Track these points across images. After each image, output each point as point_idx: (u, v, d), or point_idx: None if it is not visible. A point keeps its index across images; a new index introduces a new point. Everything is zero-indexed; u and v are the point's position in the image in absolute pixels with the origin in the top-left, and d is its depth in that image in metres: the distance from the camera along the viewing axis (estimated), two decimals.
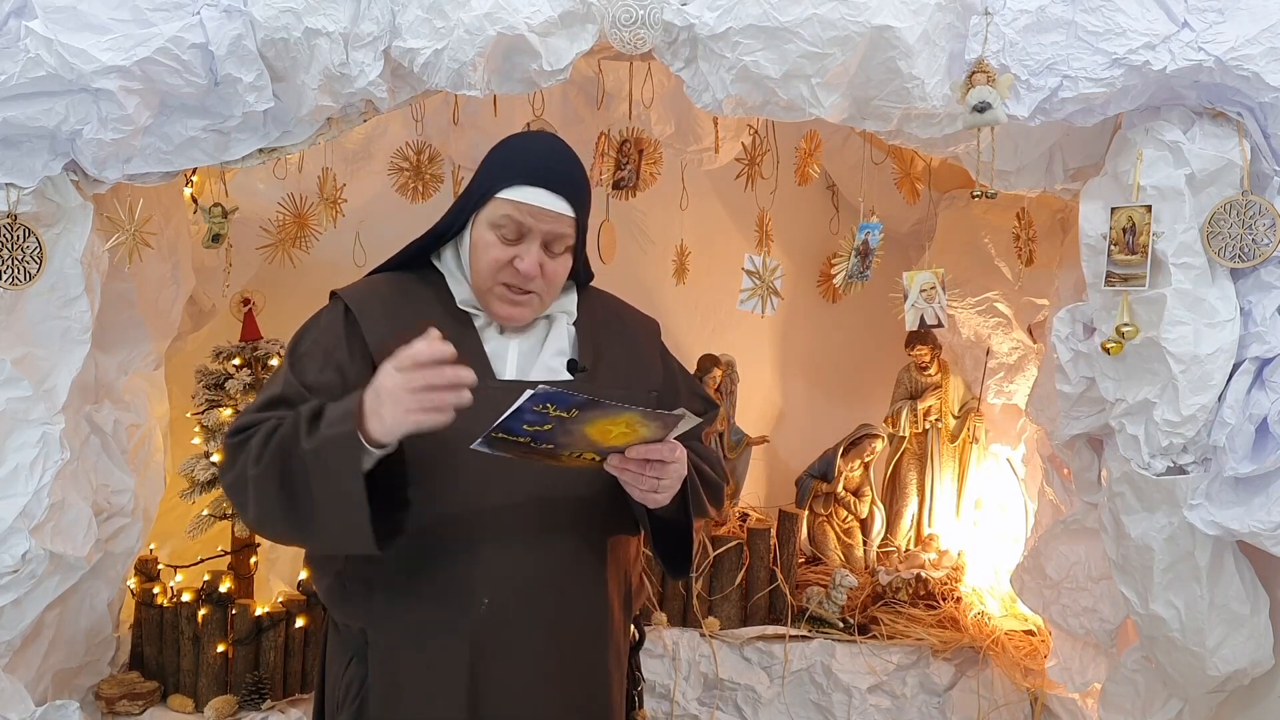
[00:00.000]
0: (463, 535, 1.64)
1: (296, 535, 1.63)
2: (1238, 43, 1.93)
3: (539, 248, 1.68)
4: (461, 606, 1.64)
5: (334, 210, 2.85)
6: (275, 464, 1.54)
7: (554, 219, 1.68)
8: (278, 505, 1.55)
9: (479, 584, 1.64)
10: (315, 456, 1.50)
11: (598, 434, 1.51)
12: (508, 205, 1.67)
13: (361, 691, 1.69)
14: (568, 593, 1.70)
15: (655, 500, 1.62)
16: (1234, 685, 2.17)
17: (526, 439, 1.49)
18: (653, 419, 1.51)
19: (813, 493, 3.32)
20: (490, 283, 1.70)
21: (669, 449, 1.57)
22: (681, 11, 2.03)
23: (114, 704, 2.51)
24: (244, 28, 1.97)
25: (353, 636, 1.72)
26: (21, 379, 2.11)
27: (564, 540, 1.69)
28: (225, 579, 2.69)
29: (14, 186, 2.03)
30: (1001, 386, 3.24)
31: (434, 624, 1.65)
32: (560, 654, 1.69)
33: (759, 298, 2.58)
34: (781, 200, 3.13)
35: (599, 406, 1.45)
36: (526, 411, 1.43)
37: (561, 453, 1.55)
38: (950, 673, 2.94)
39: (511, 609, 1.65)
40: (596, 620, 1.74)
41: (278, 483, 1.54)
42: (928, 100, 2.06)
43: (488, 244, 1.69)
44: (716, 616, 2.99)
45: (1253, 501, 1.97)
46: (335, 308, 1.74)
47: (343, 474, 1.48)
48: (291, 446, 1.53)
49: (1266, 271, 2.02)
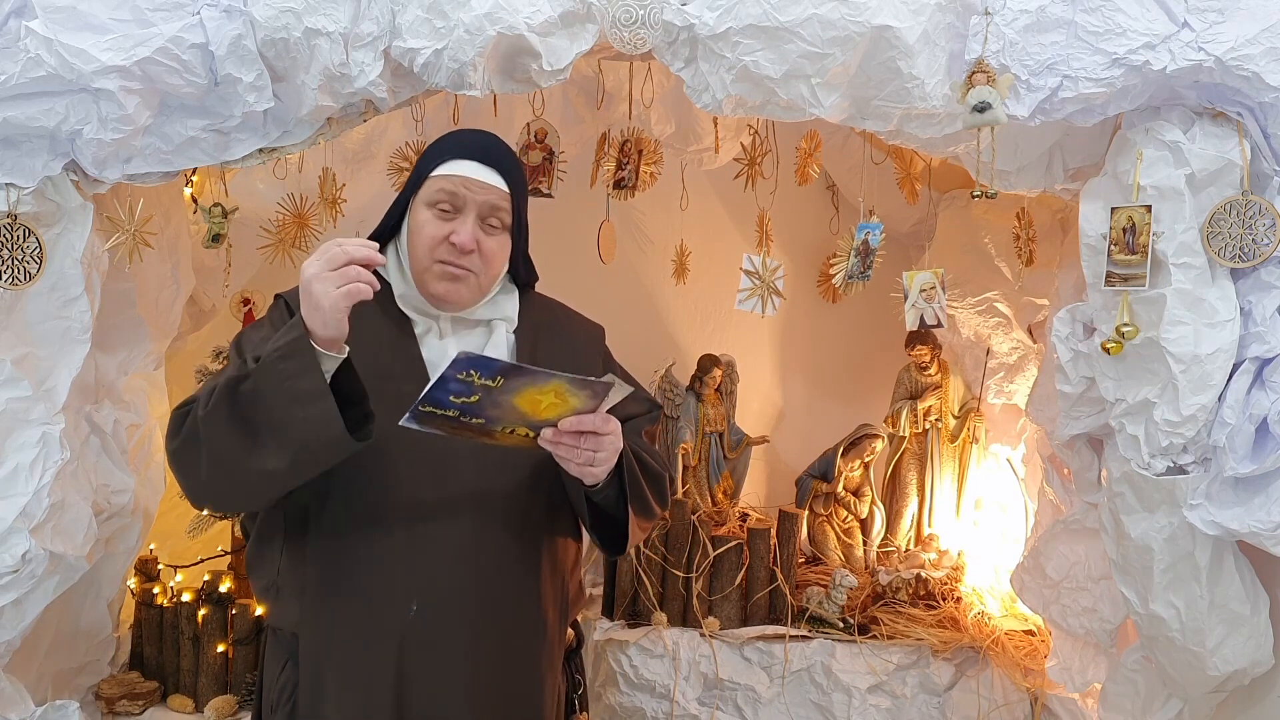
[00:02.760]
0: (392, 538, 1.64)
1: (255, 461, 1.53)
2: (1238, 43, 1.93)
3: (474, 220, 1.71)
4: (390, 610, 1.64)
5: (334, 210, 2.85)
6: (224, 400, 1.52)
7: (486, 190, 1.72)
8: (232, 439, 1.52)
9: (408, 586, 1.64)
10: (266, 368, 1.50)
11: (528, 405, 1.51)
12: (442, 180, 1.72)
13: (294, 695, 1.70)
14: (499, 598, 1.70)
15: (591, 474, 1.61)
16: (1234, 685, 2.17)
17: (455, 412, 1.49)
18: (581, 387, 1.51)
19: (813, 493, 3.32)
20: (428, 261, 1.72)
21: (601, 419, 1.57)
22: (681, 11, 2.03)
23: (114, 704, 2.51)
24: (244, 28, 1.97)
25: (286, 640, 1.73)
26: (21, 379, 2.11)
27: (500, 547, 1.69)
28: (225, 579, 2.69)
29: (14, 186, 2.03)
30: (1001, 386, 3.24)
31: (362, 627, 1.65)
32: (489, 660, 1.69)
33: (758, 298, 2.57)
34: (781, 200, 3.13)
35: (524, 373, 1.46)
36: (451, 380, 1.43)
37: (494, 428, 1.55)
38: (950, 673, 2.94)
39: (441, 614, 1.65)
40: (528, 625, 1.74)
41: (231, 414, 1.51)
42: (928, 100, 2.06)
43: (424, 222, 1.72)
44: (716, 616, 2.99)
45: (1253, 501, 1.97)
46: (278, 308, 1.78)
47: (302, 374, 1.48)
48: (238, 381, 1.52)
49: (1266, 271, 2.01)
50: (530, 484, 1.72)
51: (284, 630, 1.74)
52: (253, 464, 1.53)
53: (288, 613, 1.71)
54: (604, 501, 1.71)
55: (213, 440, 1.53)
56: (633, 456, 1.72)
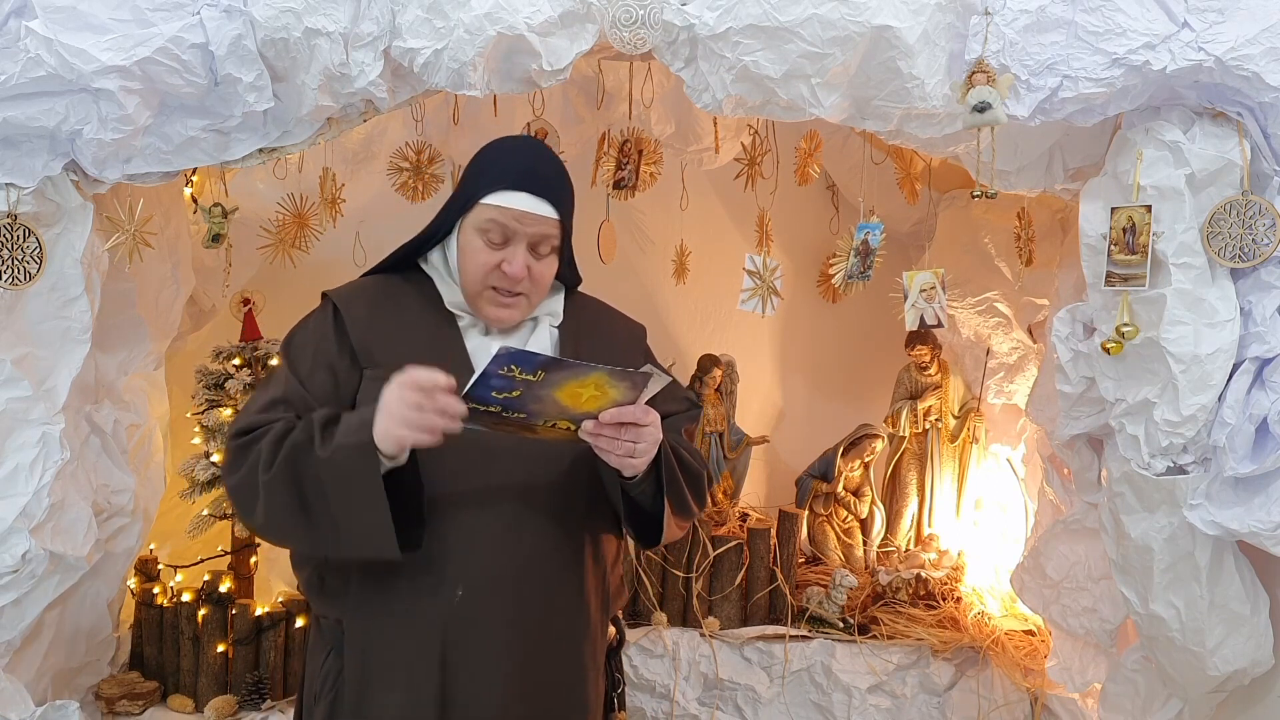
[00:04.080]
0: (438, 524, 1.66)
1: (309, 541, 1.66)
2: (1238, 43, 1.93)
3: (525, 250, 1.72)
4: (435, 597, 1.66)
5: (334, 210, 2.85)
6: (287, 470, 1.58)
7: (538, 221, 1.72)
8: (290, 511, 1.59)
9: (453, 575, 1.66)
10: (332, 464, 1.55)
11: (568, 398, 1.53)
12: (492, 210, 1.71)
13: (337, 683, 1.72)
14: (543, 588, 1.71)
15: (631, 465, 1.62)
16: (1234, 685, 2.17)
17: (498, 408, 1.51)
18: (621, 378, 1.52)
19: (813, 493, 3.32)
20: (480, 286, 1.73)
21: (642, 411, 1.59)
22: (681, 11, 2.03)
23: (114, 704, 2.51)
24: (244, 28, 1.97)
25: (330, 628, 1.75)
26: (21, 379, 2.11)
27: (542, 535, 1.71)
28: (225, 579, 2.70)
29: (14, 186, 2.03)
30: (1001, 386, 3.24)
31: (407, 614, 1.67)
32: (533, 648, 1.70)
33: (759, 298, 2.58)
34: (781, 200, 3.13)
35: (564, 366, 1.47)
36: (492, 376, 1.45)
37: (535, 422, 1.56)
38: (950, 673, 2.94)
39: (485, 601, 1.67)
40: (572, 617, 1.76)
41: (291, 489, 1.58)
42: (928, 100, 2.06)
43: (475, 249, 1.72)
44: (716, 616, 2.99)
45: (1253, 501, 1.97)
46: (324, 308, 1.80)
47: (362, 479, 1.53)
48: (304, 454, 1.57)
49: (1266, 271, 2.01)
50: (571, 477, 1.73)
51: (328, 619, 1.76)
52: (305, 538, 1.64)
53: (333, 602, 1.74)
54: (640, 496, 1.72)
55: (272, 506, 1.60)
56: (671, 452, 1.73)
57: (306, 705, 1.80)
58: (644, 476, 1.67)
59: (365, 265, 3.06)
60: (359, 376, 1.71)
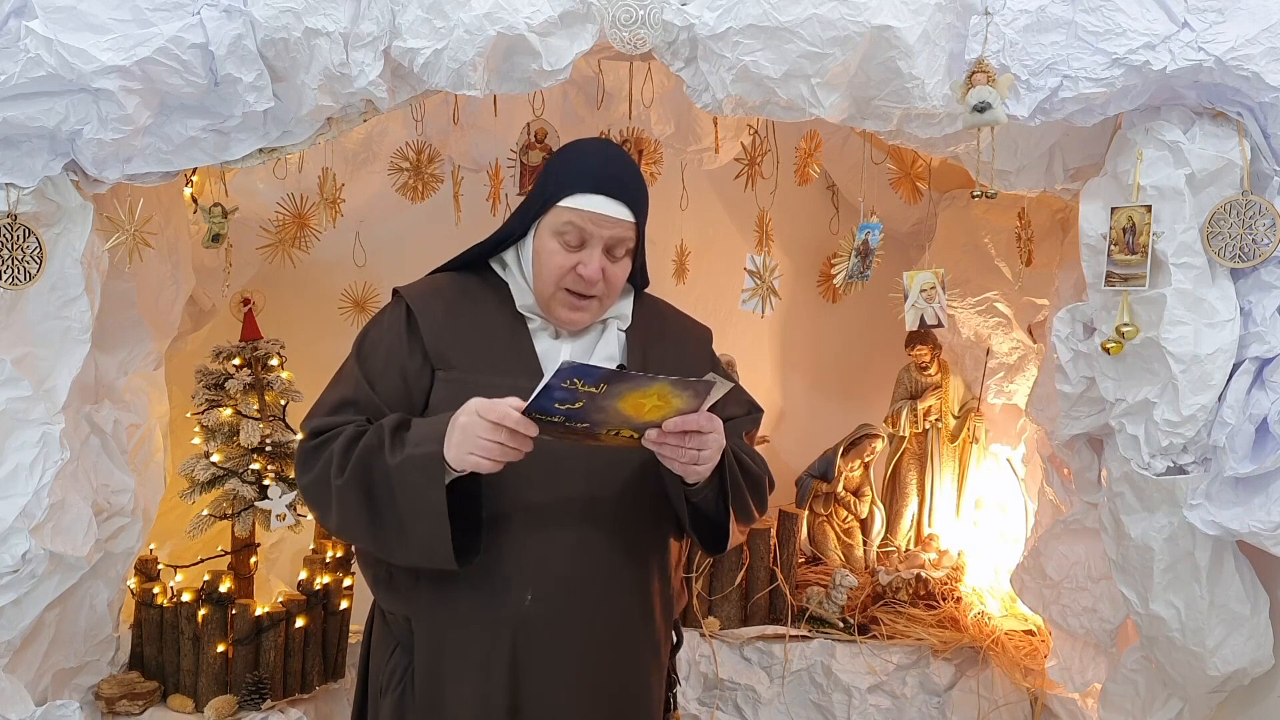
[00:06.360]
0: (509, 530, 1.68)
1: (376, 545, 1.69)
2: (1238, 43, 1.93)
3: (601, 253, 1.72)
4: (505, 599, 1.69)
5: (334, 210, 2.84)
6: (358, 476, 1.61)
7: (615, 224, 1.72)
8: (361, 517, 1.63)
9: (523, 578, 1.69)
10: (400, 473, 1.58)
11: (631, 409, 1.53)
12: (570, 213, 1.71)
13: (404, 678, 1.75)
14: (611, 592, 1.74)
15: (696, 473, 1.63)
16: (1234, 685, 2.17)
17: (561, 418, 1.52)
18: (684, 388, 1.52)
19: (813, 493, 3.32)
20: (554, 288, 1.74)
21: (705, 419, 1.59)
22: (681, 11, 2.03)
23: (114, 704, 2.51)
24: (244, 28, 1.97)
25: (398, 625, 1.78)
26: (21, 379, 2.11)
27: (609, 540, 1.73)
28: (225, 579, 2.69)
29: (14, 186, 2.03)
30: (1001, 386, 3.24)
31: (477, 615, 1.70)
32: (601, 652, 1.73)
33: (759, 298, 2.58)
34: (781, 200, 3.13)
35: (626, 379, 1.47)
36: (555, 389, 1.46)
37: (599, 431, 1.57)
38: (950, 673, 2.94)
39: (554, 604, 1.70)
40: (638, 622, 1.78)
41: (362, 496, 1.62)
42: (928, 100, 2.06)
43: (551, 251, 1.73)
44: (716, 616, 2.99)
45: (1253, 501, 1.97)
46: (397, 306, 1.80)
47: (427, 491, 1.56)
48: (375, 460, 1.61)
49: (1266, 271, 2.02)
50: (635, 486, 1.74)
51: (396, 615, 1.78)
52: (373, 542, 1.68)
53: (402, 599, 1.76)
54: (702, 502, 1.72)
55: (345, 510, 1.65)
56: (733, 458, 1.73)
57: (371, 697, 1.83)
58: (707, 482, 1.68)
59: (365, 265, 3.10)
60: (430, 376, 1.72)
